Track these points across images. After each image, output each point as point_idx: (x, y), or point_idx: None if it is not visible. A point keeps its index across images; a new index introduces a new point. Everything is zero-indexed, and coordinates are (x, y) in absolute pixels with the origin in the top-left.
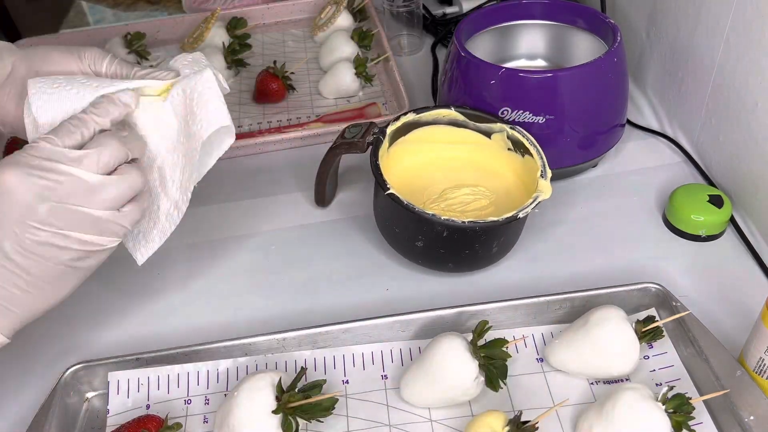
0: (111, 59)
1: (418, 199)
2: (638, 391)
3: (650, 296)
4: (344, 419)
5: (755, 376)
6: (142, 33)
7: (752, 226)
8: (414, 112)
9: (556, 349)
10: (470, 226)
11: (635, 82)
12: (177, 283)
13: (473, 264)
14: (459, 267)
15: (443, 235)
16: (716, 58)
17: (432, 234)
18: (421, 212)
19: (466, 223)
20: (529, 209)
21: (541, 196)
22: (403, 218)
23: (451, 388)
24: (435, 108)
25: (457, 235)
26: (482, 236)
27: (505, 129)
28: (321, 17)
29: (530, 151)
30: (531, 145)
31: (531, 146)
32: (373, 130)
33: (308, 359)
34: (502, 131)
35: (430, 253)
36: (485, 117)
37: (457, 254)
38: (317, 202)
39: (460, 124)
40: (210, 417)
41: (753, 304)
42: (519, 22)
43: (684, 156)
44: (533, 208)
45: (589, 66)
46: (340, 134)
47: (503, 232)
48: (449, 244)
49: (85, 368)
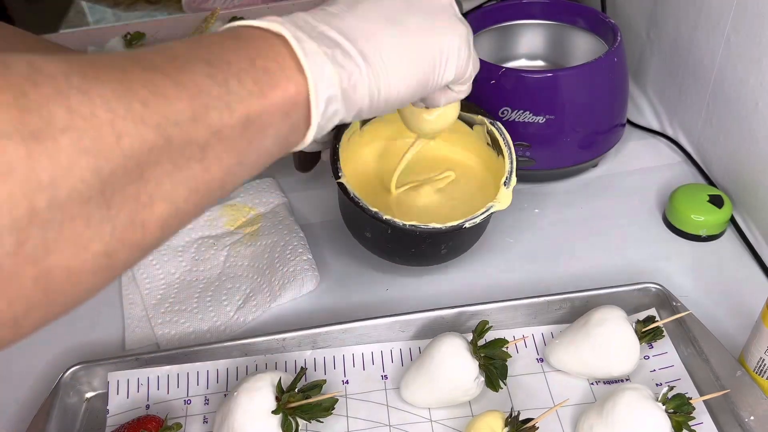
0: None
1: (386, 182)
2: (638, 391)
3: (650, 296)
4: (344, 419)
5: (755, 376)
6: (142, 33)
7: (752, 226)
8: None
9: (556, 349)
10: (410, 229)
11: (635, 81)
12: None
13: (422, 261)
14: (408, 262)
15: (388, 232)
16: (716, 58)
17: (378, 229)
18: (365, 207)
19: (407, 226)
20: (477, 219)
21: (496, 207)
22: (351, 208)
23: (451, 389)
24: None
25: (401, 234)
26: (427, 239)
27: (485, 123)
28: None
29: (503, 153)
30: (505, 146)
31: (505, 148)
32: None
33: (308, 359)
34: (482, 124)
35: (379, 245)
36: (468, 105)
37: (403, 251)
38: (297, 167)
39: None
40: (210, 417)
41: (753, 304)
42: (519, 22)
43: (684, 156)
44: (483, 219)
45: (589, 66)
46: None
47: (451, 237)
48: (394, 241)
49: (85, 368)
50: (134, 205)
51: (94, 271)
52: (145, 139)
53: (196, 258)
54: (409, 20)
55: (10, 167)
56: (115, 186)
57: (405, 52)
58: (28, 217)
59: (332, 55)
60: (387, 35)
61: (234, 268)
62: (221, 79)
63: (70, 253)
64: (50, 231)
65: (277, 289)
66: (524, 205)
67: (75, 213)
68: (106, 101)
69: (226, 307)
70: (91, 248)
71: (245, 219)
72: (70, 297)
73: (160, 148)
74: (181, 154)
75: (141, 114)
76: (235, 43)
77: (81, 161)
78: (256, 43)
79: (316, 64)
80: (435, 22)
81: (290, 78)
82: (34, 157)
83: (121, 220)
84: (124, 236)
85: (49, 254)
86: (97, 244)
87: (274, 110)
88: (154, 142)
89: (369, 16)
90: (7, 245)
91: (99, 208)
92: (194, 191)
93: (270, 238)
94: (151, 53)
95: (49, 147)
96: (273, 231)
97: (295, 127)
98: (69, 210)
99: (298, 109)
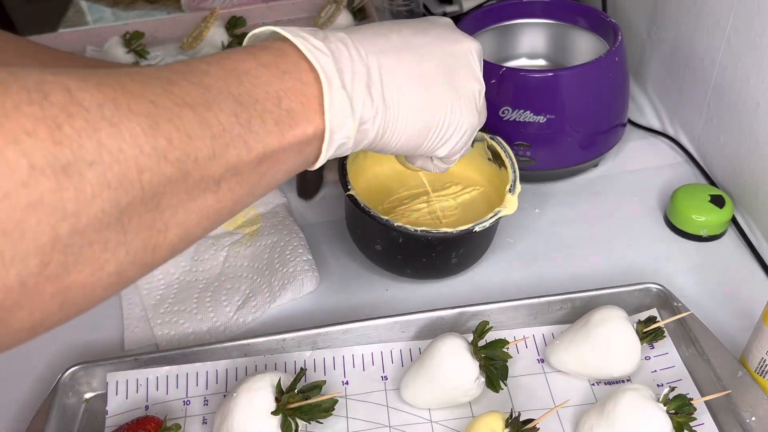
0: None
1: (392, 199)
2: (639, 391)
3: (651, 297)
4: (344, 420)
5: (757, 376)
6: (141, 32)
7: (753, 226)
8: None
9: (556, 350)
10: (422, 235)
11: (636, 81)
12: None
13: (432, 273)
14: (418, 274)
15: (399, 241)
16: (717, 57)
17: (388, 239)
18: (376, 216)
19: (418, 232)
20: (486, 224)
21: (503, 212)
22: (362, 220)
23: (452, 389)
24: None
25: (412, 242)
26: (438, 246)
27: (485, 138)
28: (321, 16)
29: (505, 164)
30: (507, 157)
31: (506, 159)
32: None
33: (308, 360)
34: (482, 140)
35: (389, 258)
36: None
37: (414, 261)
38: (299, 195)
39: None
40: (209, 418)
41: (754, 304)
42: (519, 21)
43: (685, 156)
44: (491, 223)
45: (590, 65)
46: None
47: (461, 243)
48: (405, 250)
49: (84, 369)
50: (149, 231)
51: (105, 287)
52: (165, 174)
53: (196, 258)
54: (437, 90)
55: (40, 198)
56: (132, 214)
57: (419, 120)
58: (51, 243)
59: (357, 108)
60: (414, 97)
61: (233, 269)
62: (245, 119)
63: (87, 273)
64: (70, 255)
65: (276, 289)
66: (524, 205)
67: (94, 239)
68: (134, 136)
69: (225, 308)
70: (105, 269)
71: (245, 219)
72: (82, 308)
73: (177, 181)
74: (197, 186)
75: (164, 151)
76: (269, 74)
77: (103, 193)
78: (290, 80)
79: (339, 115)
80: (457, 103)
81: (310, 120)
82: (63, 189)
83: (135, 244)
84: (136, 259)
85: (68, 274)
86: (111, 265)
87: (289, 148)
88: (173, 176)
89: (407, 72)
90: (31, 266)
91: (116, 233)
92: (205, 218)
93: (270, 239)
94: (185, 81)
95: (76, 180)
96: (273, 231)
97: (305, 160)
98: (88, 236)
99: (311, 147)
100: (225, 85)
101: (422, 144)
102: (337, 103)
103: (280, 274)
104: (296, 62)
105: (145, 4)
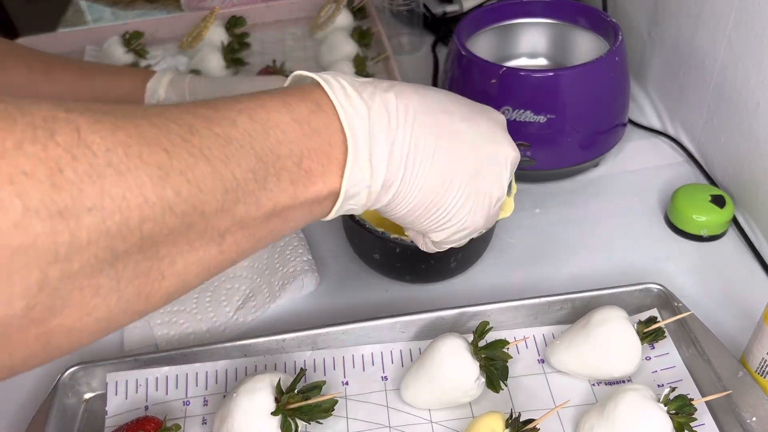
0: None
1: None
2: (640, 392)
3: (652, 297)
4: (344, 420)
5: (757, 377)
6: (141, 32)
7: (754, 226)
8: None
9: (557, 350)
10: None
11: (637, 81)
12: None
13: (432, 277)
14: (417, 279)
15: (396, 251)
16: (718, 57)
17: (386, 249)
18: (372, 229)
19: (413, 243)
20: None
21: (500, 215)
22: (358, 232)
23: (452, 390)
24: None
25: (409, 252)
26: (436, 253)
27: None
28: (321, 16)
29: None
30: None
31: None
32: None
33: (308, 360)
34: None
35: (388, 266)
36: None
37: (413, 268)
38: None
39: None
40: (209, 418)
41: (755, 304)
42: (520, 21)
43: (686, 156)
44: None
45: (590, 65)
46: None
47: (459, 248)
48: (403, 260)
49: (84, 369)
50: (144, 279)
51: (92, 332)
52: (168, 225)
53: None
54: (458, 182)
55: (32, 241)
56: (128, 262)
57: (428, 200)
58: (39, 286)
59: (376, 179)
60: (433, 181)
61: (233, 269)
62: (262, 176)
63: (74, 318)
64: (58, 299)
65: (276, 289)
66: (525, 205)
67: (84, 284)
68: (141, 186)
69: (225, 308)
70: (94, 314)
71: None
72: (66, 350)
73: (180, 232)
74: (200, 237)
75: (171, 203)
76: (299, 131)
77: (100, 240)
78: (318, 141)
79: (357, 184)
80: (471, 201)
81: (327, 183)
82: (57, 233)
83: (128, 291)
84: (128, 306)
85: (54, 317)
86: (101, 311)
87: (299, 206)
88: (176, 227)
89: (437, 155)
90: (16, 308)
91: (109, 280)
92: (205, 269)
93: None
94: (208, 131)
95: (72, 225)
96: None
97: (313, 217)
98: (79, 281)
99: (322, 206)
100: (249, 140)
101: (421, 223)
102: (357, 173)
103: (280, 274)
104: (329, 122)
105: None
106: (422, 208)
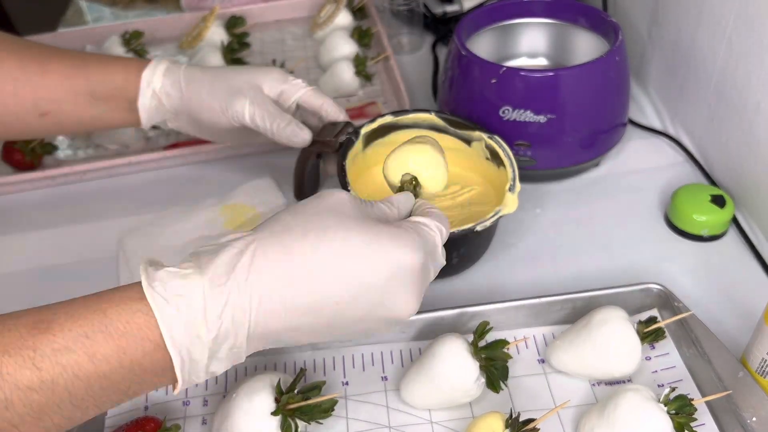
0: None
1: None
2: (640, 392)
3: (652, 297)
4: (344, 421)
5: (757, 377)
6: (141, 31)
7: (754, 226)
8: (392, 114)
9: (557, 350)
10: None
11: (637, 81)
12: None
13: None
14: None
15: None
16: (718, 57)
17: None
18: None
19: None
20: (487, 223)
21: (504, 210)
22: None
23: (452, 390)
24: (414, 111)
25: None
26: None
27: (483, 138)
28: (320, 15)
29: (504, 163)
30: (505, 156)
31: (505, 158)
32: (347, 129)
33: (308, 360)
34: (480, 140)
35: None
36: (465, 124)
37: None
38: (296, 196)
39: (440, 129)
40: (209, 418)
41: (755, 304)
42: (520, 21)
43: (686, 155)
44: (492, 222)
45: (590, 65)
46: (318, 132)
47: (462, 243)
48: None
49: None
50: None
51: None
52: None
53: None
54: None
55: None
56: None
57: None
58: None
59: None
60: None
61: None
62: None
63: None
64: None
65: None
66: (525, 205)
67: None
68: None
69: None
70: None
71: (244, 219)
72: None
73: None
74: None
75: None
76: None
77: None
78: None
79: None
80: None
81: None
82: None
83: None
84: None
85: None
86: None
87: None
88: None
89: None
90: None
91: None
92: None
93: None
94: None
95: None
96: None
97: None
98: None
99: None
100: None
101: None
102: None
103: None
104: (143, 326)
105: (145, 4)
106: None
